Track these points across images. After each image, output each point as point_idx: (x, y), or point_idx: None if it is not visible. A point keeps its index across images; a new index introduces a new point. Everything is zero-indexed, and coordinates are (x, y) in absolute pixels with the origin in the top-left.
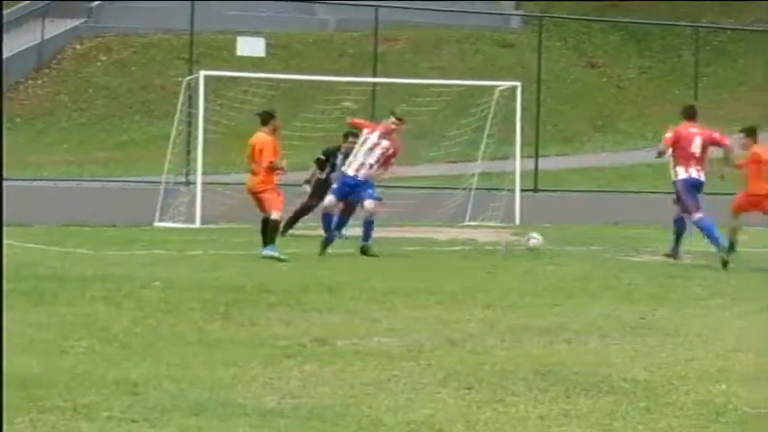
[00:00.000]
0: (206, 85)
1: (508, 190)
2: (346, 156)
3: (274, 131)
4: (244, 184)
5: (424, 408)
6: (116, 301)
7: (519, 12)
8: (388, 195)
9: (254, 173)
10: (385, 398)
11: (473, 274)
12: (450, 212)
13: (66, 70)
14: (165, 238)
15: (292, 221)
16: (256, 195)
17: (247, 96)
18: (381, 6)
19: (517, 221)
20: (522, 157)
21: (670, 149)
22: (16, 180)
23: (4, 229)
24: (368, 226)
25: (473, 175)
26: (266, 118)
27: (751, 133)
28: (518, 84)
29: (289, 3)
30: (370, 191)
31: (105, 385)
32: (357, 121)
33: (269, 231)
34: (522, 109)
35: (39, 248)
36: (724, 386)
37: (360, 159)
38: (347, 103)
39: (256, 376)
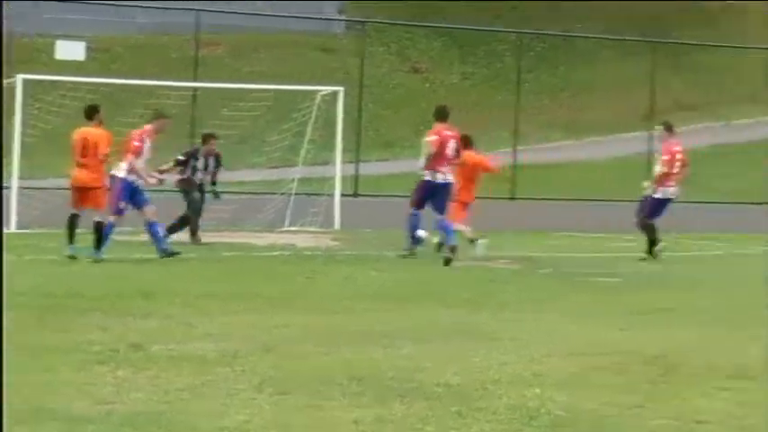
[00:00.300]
0: (24, 88)
1: (328, 195)
2: (206, 157)
3: (99, 125)
4: (59, 188)
5: (239, 413)
6: None
7: (341, 17)
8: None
9: (83, 167)
10: (200, 403)
11: (292, 279)
12: (269, 217)
13: None
14: None
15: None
16: (84, 191)
17: (65, 101)
18: (202, 11)
19: (337, 226)
20: (342, 162)
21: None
22: None
23: None
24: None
25: (293, 180)
26: (91, 112)
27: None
28: (340, 89)
29: (109, 7)
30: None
31: None
32: None
33: (97, 233)
34: (344, 114)
35: None
36: (537, 390)
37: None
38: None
39: (69, 382)
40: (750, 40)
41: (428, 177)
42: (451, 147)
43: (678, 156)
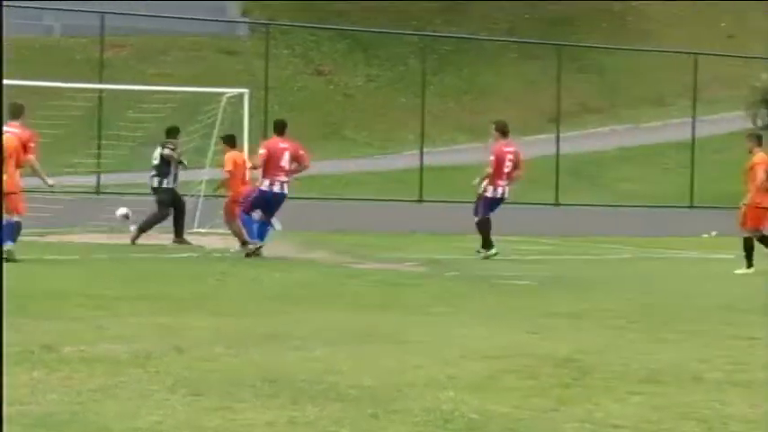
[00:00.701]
0: None
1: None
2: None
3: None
4: None
5: (152, 414)
6: None
7: (245, 19)
8: (113, 202)
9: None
10: (112, 404)
11: (201, 280)
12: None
13: None
14: None
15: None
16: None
17: None
18: (107, 13)
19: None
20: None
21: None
22: None
23: None
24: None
25: (201, 181)
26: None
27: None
28: (246, 91)
29: (15, 8)
30: None
31: None
32: None
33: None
34: (250, 116)
35: None
36: (452, 393)
37: None
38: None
39: None
40: (654, 41)
41: (264, 187)
42: (286, 158)
43: (509, 157)
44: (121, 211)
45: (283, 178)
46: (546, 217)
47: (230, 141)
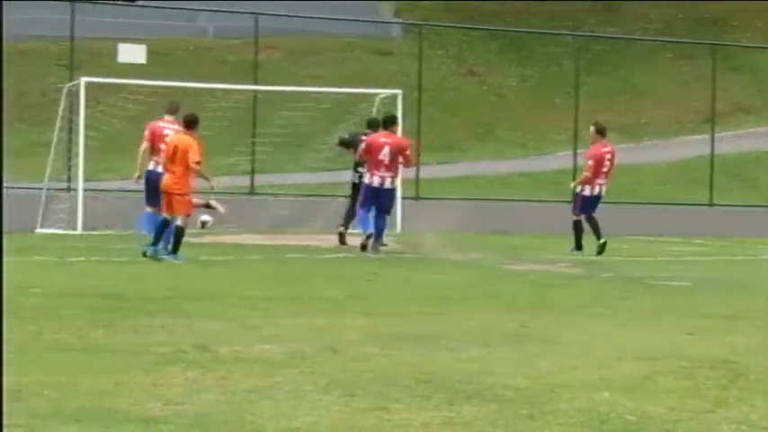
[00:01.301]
0: (87, 91)
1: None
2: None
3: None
4: (122, 190)
5: (308, 415)
6: None
7: (399, 20)
8: (268, 203)
9: (171, 172)
10: (268, 405)
11: (354, 281)
12: (331, 220)
13: None
14: (47, 244)
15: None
16: (169, 195)
17: (128, 104)
18: (260, 14)
19: (398, 229)
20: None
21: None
22: None
23: None
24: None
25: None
26: (193, 122)
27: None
28: (399, 92)
29: (169, 10)
30: None
31: None
32: None
33: (177, 237)
34: (402, 117)
35: None
36: (607, 394)
37: None
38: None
39: (139, 383)
40: None
41: (366, 181)
42: (385, 152)
43: (607, 156)
44: (204, 218)
45: (384, 173)
46: (700, 217)
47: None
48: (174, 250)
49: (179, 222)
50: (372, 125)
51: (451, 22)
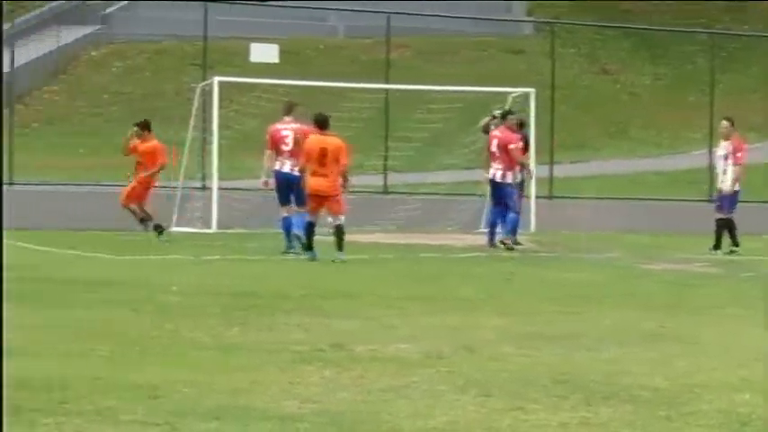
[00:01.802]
0: (220, 90)
1: (525, 197)
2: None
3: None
4: (256, 189)
5: (444, 415)
6: (134, 305)
7: (531, 18)
8: (401, 202)
9: (323, 175)
10: (404, 404)
11: (489, 280)
12: (465, 219)
13: (82, 77)
14: (182, 243)
15: None
16: (323, 199)
17: (261, 102)
18: (392, 13)
19: (532, 228)
20: (536, 164)
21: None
22: (31, 185)
23: (19, 233)
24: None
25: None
26: (326, 122)
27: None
28: (532, 90)
29: (301, 9)
30: None
31: (126, 389)
32: None
33: (340, 236)
34: (535, 116)
35: (53, 252)
36: (747, 396)
37: None
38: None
39: (275, 381)
40: None
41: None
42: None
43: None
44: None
45: (497, 165)
46: None
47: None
48: (340, 247)
49: (340, 222)
50: (502, 118)
51: (584, 20)
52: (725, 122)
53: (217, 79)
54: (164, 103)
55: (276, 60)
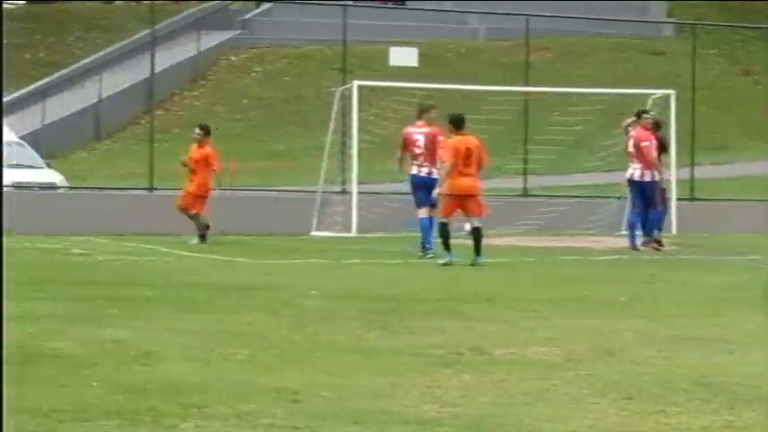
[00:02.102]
0: (359, 94)
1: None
2: None
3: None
4: (397, 192)
5: (585, 418)
6: (274, 309)
7: (671, 20)
8: (541, 205)
9: (468, 175)
10: (545, 408)
11: (630, 283)
12: (605, 221)
13: (222, 81)
14: (322, 247)
15: None
16: (465, 199)
17: (400, 106)
18: (532, 16)
19: (674, 231)
20: (677, 166)
21: None
22: (170, 190)
23: (160, 238)
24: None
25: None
26: (463, 122)
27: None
28: (672, 92)
29: (441, 12)
30: None
31: (266, 393)
32: None
33: (479, 239)
34: (675, 117)
35: (194, 257)
36: None
37: None
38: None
39: (415, 385)
40: None
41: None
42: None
43: None
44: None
45: (635, 164)
46: None
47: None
48: (478, 251)
49: (479, 224)
50: (637, 118)
51: (724, 21)
52: None
53: (356, 83)
54: (304, 108)
55: (415, 64)
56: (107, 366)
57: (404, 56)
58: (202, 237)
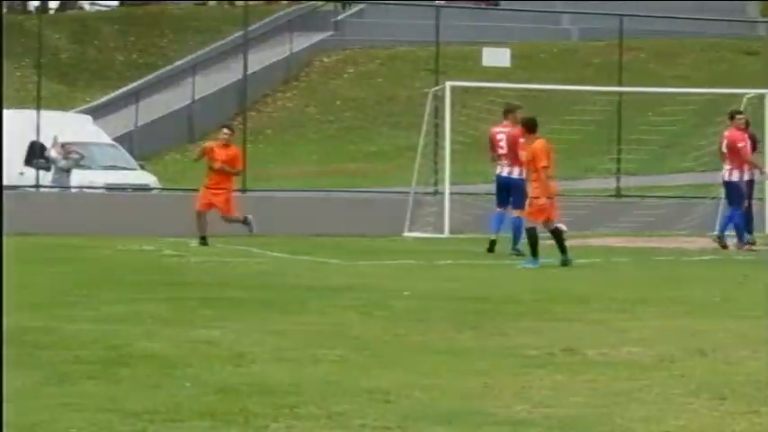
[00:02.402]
0: (452, 95)
1: (759, 199)
2: None
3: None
4: (489, 193)
5: (677, 419)
6: (366, 310)
7: (765, 19)
8: (634, 206)
9: (554, 178)
10: (637, 408)
11: (723, 283)
12: (699, 222)
13: (314, 83)
14: (414, 248)
15: None
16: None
17: (493, 107)
18: (625, 15)
19: (767, 230)
20: None
21: None
22: (263, 191)
23: (253, 240)
24: None
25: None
26: (536, 125)
27: None
28: (766, 92)
29: (533, 13)
30: None
31: (358, 393)
32: None
33: (561, 238)
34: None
35: (286, 258)
36: None
37: None
38: None
39: (507, 386)
40: None
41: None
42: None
43: None
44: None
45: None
46: None
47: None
48: (564, 251)
49: (556, 225)
50: (730, 119)
51: None
52: None
53: (449, 84)
54: (396, 109)
55: (508, 64)
56: (199, 367)
57: (497, 56)
58: (203, 239)
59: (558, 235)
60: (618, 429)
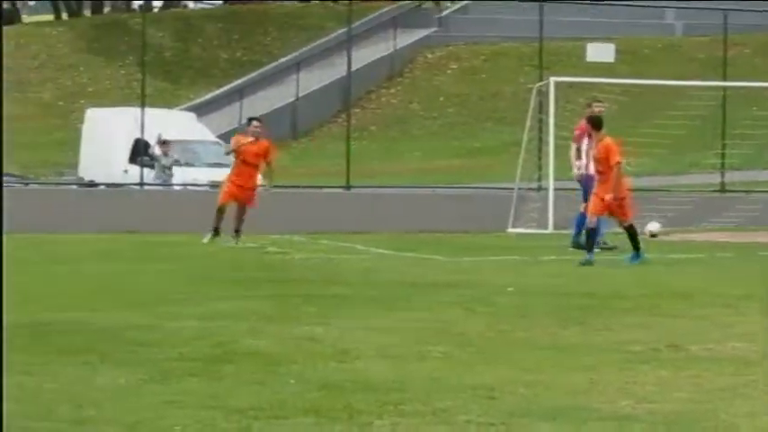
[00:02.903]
0: (556, 91)
1: None
2: None
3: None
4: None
5: None
6: (470, 306)
7: None
8: (739, 200)
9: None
10: (741, 403)
11: None
12: None
13: (418, 79)
14: (518, 244)
15: None
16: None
17: None
18: (730, 10)
19: None
20: None
21: None
22: (367, 188)
23: (357, 236)
24: None
25: None
26: (601, 123)
27: None
28: None
29: (637, 8)
30: None
31: (462, 390)
32: None
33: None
34: None
35: (390, 255)
36: None
37: None
38: None
39: (612, 381)
40: None
41: None
42: None
43: None
44: (651, 226)
45: None
46: None
47: None
48: (637, 247)
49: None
50: None
51: None
52: None
53: (553, 79)
54: (500, 105)
55: (612, 60)
56: (303, 364)
57: (601, 52)
58: (216, 230)
59: (632, 232)
60: (722, 425)
